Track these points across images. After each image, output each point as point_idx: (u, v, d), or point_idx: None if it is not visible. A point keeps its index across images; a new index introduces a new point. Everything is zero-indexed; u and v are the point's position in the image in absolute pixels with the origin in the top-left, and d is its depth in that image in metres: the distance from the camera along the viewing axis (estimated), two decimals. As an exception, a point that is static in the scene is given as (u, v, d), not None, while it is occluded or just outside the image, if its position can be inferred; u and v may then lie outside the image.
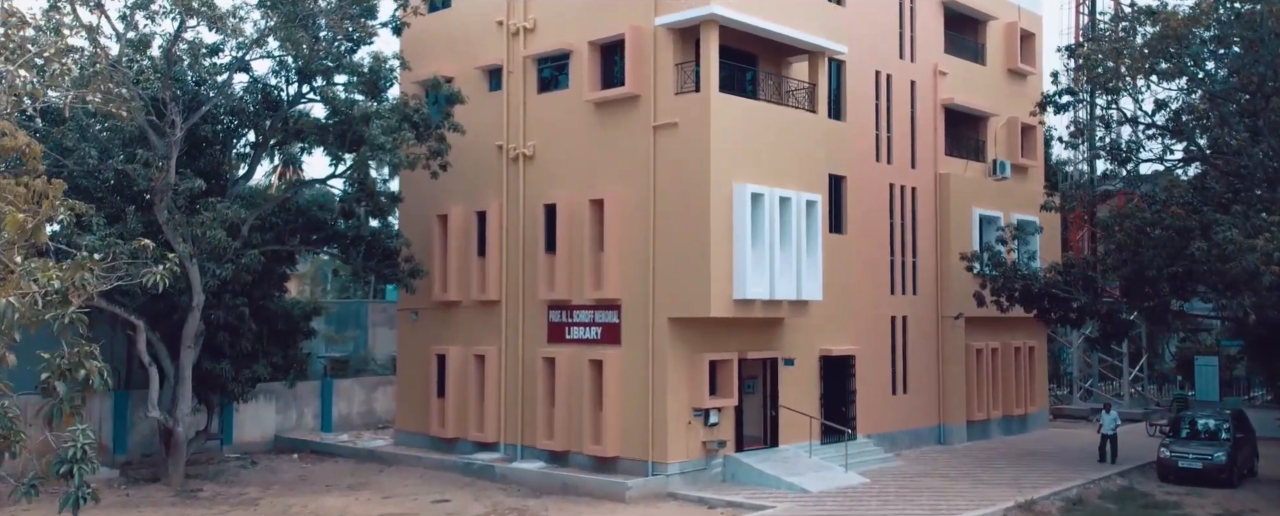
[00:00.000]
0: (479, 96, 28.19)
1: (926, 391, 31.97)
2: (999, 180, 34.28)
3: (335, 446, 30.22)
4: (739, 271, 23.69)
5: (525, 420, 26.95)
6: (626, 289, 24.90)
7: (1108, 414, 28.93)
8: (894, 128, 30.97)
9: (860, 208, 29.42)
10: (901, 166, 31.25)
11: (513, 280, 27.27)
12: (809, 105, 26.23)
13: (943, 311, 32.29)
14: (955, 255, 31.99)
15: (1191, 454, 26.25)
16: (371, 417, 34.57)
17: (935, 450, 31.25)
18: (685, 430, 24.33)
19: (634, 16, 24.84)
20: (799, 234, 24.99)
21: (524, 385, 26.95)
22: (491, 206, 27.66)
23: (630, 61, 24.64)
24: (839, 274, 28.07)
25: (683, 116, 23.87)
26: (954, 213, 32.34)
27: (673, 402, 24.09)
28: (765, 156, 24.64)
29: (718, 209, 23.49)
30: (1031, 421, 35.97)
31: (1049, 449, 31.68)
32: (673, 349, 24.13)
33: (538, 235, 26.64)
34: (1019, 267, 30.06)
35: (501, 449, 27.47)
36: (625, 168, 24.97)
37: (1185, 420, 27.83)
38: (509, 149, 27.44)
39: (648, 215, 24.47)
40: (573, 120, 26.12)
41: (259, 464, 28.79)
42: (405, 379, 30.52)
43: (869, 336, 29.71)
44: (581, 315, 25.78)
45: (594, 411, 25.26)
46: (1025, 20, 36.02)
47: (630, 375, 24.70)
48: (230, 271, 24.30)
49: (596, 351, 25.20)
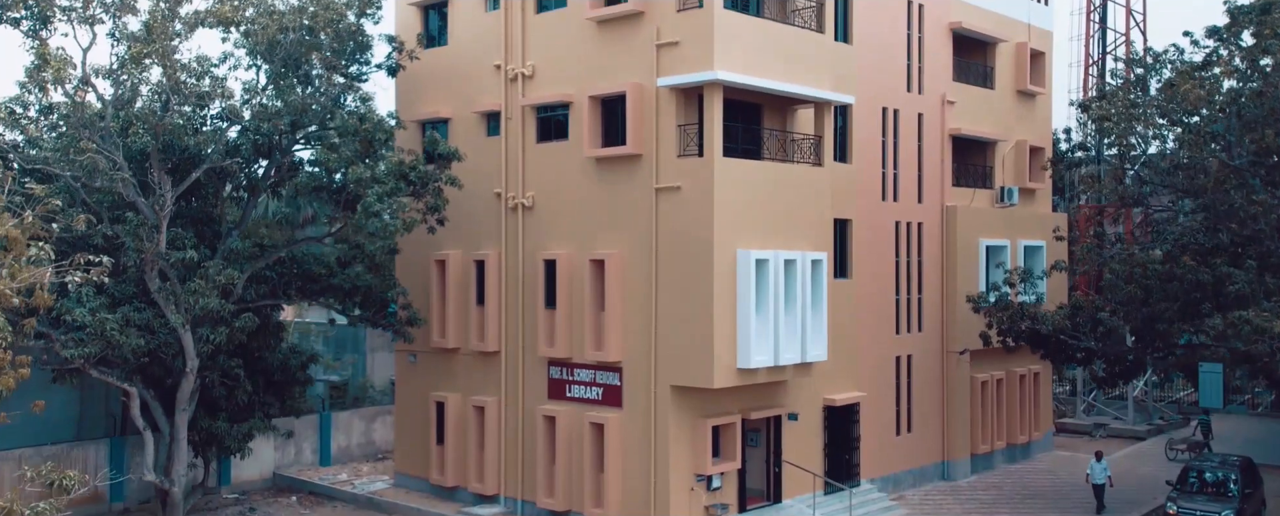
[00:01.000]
0: (477, 140, 27.56)
1: (930, 428, 31.68)
2: (1006, 208, 33.69)
3: (335, 490, 29.95)
4: (743, 340, 23.22)
5: (525, 475, 26.66)
6: (628, 352, 24.46)
7: (1097, 462, 28.55)
8: (901, 164, 30.31)
9: (866, 249, 28.88)
10: (908, 202, 30.64)
11: (512, 332, 26.82)
12: (814, 158, 25.59)
13: (948, 346, 31.89)
14: (961, 289, 31.56)
15: (1199, 511, 25.99)
16: (371, 448, 34.31)
17: (939, 488, 31.02)
18: (688, 496, 24.04)
19: (635, 74, 24.12)
20: (804, 295, 24.49)
21: (524, 440, 26.63)
22: (490, 255, 27.13)
23: (632, 120, 23.96)
24: (844, 320, 27.63)
25: (686, 180, 23.26)
26: (960, 245, 31.81)
27: (675, 468, 23.77)
28: (770, 217, 24.07)
29: (721, 276, 22.98)
30: (1035, 447, 35.75)
31: (1050, 486, 31.42)
32: (675, 414, 23.76)
33: (537, 288, 26.14)
34: (1025, 307, 29.58)
35: (502, 501, 27.22)
36: (626, 228, 24.41)
37: (1193, 471, 27.51)
38: (507, 197, 26.85)
39: (649, 278, 23.96)
40: (573, 174, 25.50)
41: (258, 510, 28.57)
42: (403, 420, 30.19)
43: (873, 379, 29.34)
44: (582, 373, 25.38)
45: (595, 473, 24.95)
46: (1035, 39, 35.17)
47: (632, 439, 24.36)
48: (224, 336, 23.84)
49: (597, 413, 24.83)
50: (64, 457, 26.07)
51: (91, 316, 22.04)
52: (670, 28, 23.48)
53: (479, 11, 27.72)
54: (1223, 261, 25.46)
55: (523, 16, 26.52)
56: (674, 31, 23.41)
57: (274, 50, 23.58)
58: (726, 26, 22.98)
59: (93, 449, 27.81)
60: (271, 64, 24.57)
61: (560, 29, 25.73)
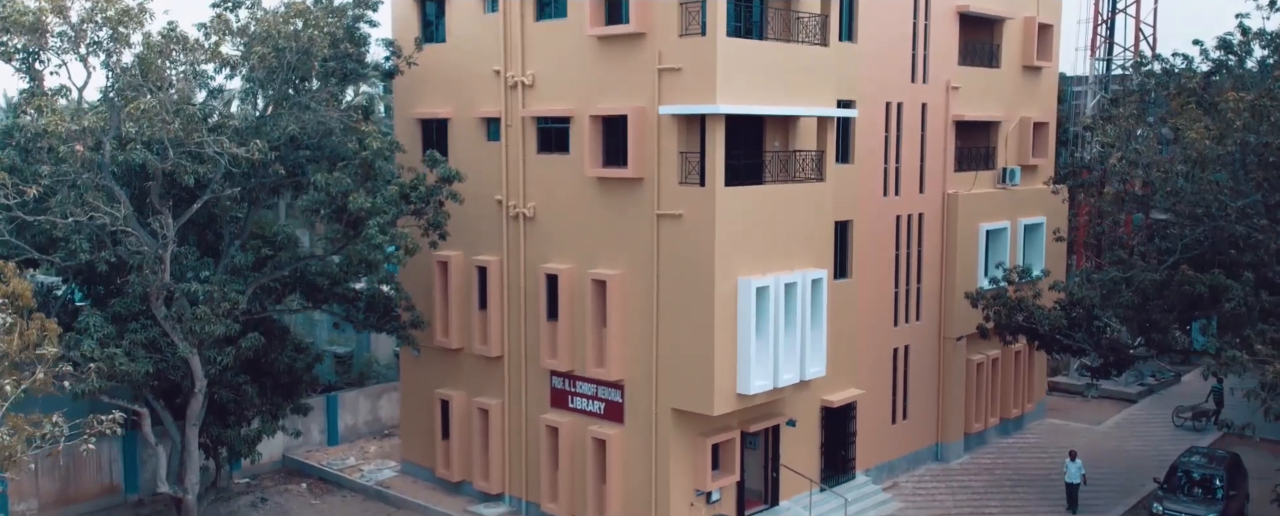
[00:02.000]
0: (477, 143, 27.40)
1: (925, 414, 32.30)
2: (1009, 188, 33.63)
3: (343, 478, 30.72)
4: (743, 367, 23.55)
5: (530, 478, 27.35)
6: (629, 371, 24.83)
7: (1072, 462, 28.86)
8: (904, 158, 30.13)
9: (866, 247, 28.97)
10: (909, 194, 30.57)
11: (515, 340, 27.14)
12: (816, 172, 25.48)
13: (945, 332, 32.26)
14: (961, 275, 31.80)
15: (1184, 513, 26.79)
16: (377, 426, 35.02)
17: (932, 471, 31.84)
18: (688, 511, 24.73)
19: (637, 97, 23.82)
20: (803, 315, 24.72)
21: (528, 445, 27.22)
22: (492, 263, 27.25)
23: (633, 144, 23.77)
24: (843, 321, 27.93)
25: (687, 207, 23.23)
26: (960, 232, 31.86)
27: (676, 484, 24.40)
28: (771, 239, 24.12)
29: (722, 304, 23.16)
30: (1027, 419, 36.50)
31: (1041, 467, 32.21)
32: (676, 433, 24.27)
33: (539, 300, 26.34)
34: (1023, 302, 29.81)
35: (507, 500, 27.98)
36: (628, 249, 24.48)
37: (1181, 470, 28.18)
38: (509, 205, 26.82)
39: (650, 301, 24.15)
40: (575, 188, 25.41)
41: (269, 500, 29.38)
42: (409, 409, 30.77)
43: (870, 373, 29.79)
44: (584, 387, 25.80)
45: (597, 483, 25.61)
46: (1044, 12, 34.48)
47: (633, 455, 24.93)
48: (231, 357, 24.17)
49: (599, 427, 25.35)
50: (77, 453, 26.67)
51: (100, 349, 22.29)
52: (672, 52, 23.10)
53: (477, 11, 27.19)
54: (1220, 273, 25.60)
55: (522, 23, 26.03)
56: (676, 57, 23.03)
57: (272, 77, 23.25)
58: (729, 56, 22.59)
59: (107, 444, 28.43)
60: (270, 88, 24.28)
61: (561, 40, 25.29)
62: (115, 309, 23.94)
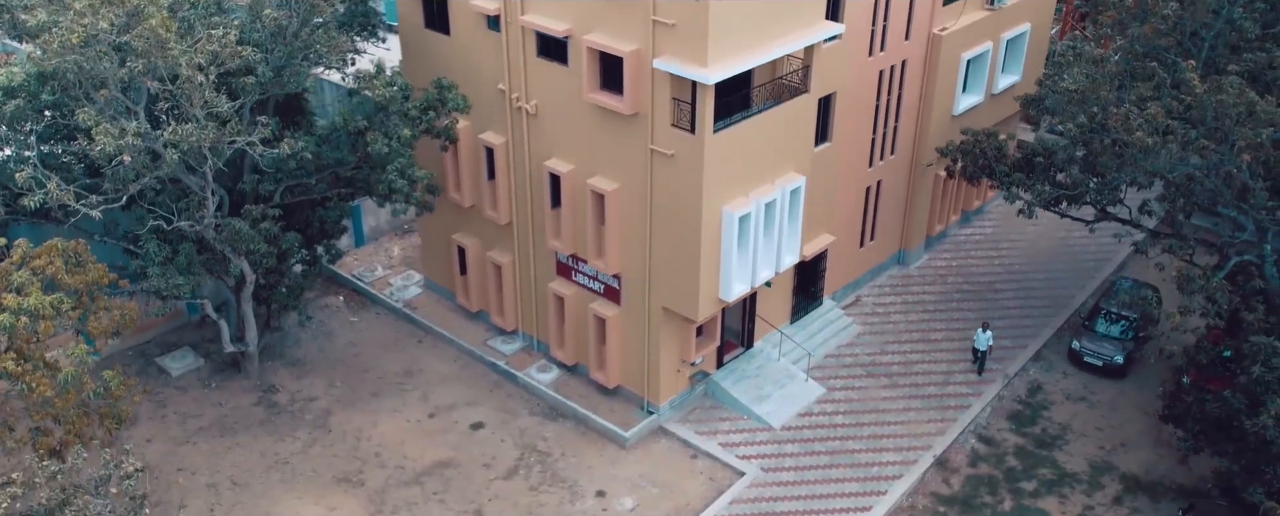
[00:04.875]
0: (478, 32, 28.33)
1: (891, 229, 35.77)
2: (996, 9, 34.39)
3: (374, 293, 34.82)
4: (725, 277, 26.89)
5: (540, 322, 31.60)
6: (625, 268, 28.13)
7: (983, 332, 31.77)
8: (892, 12, 30.79)
9: (848, 107, 30.60)
10: (895, 45, 31.64)
11: (522, 213, 30.02)
12: (802, 84, 26.97)
13: (918, 159, 34.80)
14: (938, 106, 33.69)
15: (1094, 350, 31.60)
16: (397, 223, 38.42)
17: (893, 279, 36.05)
18: (675, 375, 29.34)
19: (633, 40, 24.72)
20: (781, 220, 27.54)
21: (537, 300, 31.15)
22: (498, 145, 29.30)
23: (629, 84, 25.12)
24: (821, 183, 30.53)
25: (678, 148, 25.24)
26: (941, 68, 33.28)
27: (665, 357, 28.77)
28: (756, 165, 26.36)
29: (708, 231, 25.98)
30: (987, 206, 40.04)
31: (989, 272, 36.38)
32: (665, 320, 28.17)
33: (543, 188, 28.81)
34: (987, 150, 32.09)
35: (521, 336, 32.47)
36: (624, 170, 26.62)
37: (1103, 311, 32.43)
38: (511, 97, 28.44)
39: (644, 218, 26.80)
40: (575, 100, 26.90)
41: (314, 318, 33.64)
42: (428, 243, 34.18)
43: (843, 214, 32.89)
44: (587, 267, 29.20)
45: (598, 346, 29.94)
46: None
47: (629, 330, 29.00)
48: (273, 258, 27.46)
49: (599, 306, 29.15)
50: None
51: (164, 280, 25.53)
52: (667, 6, 23.84)
53: (471, -99, 27.00)
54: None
55: (518, -70, 26.15)
56: (672, 11, 23.82)
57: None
58: (722, 19, 23.44)
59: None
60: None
61: (557, -41, 25.66)
62: (168, 235, 26.66)
